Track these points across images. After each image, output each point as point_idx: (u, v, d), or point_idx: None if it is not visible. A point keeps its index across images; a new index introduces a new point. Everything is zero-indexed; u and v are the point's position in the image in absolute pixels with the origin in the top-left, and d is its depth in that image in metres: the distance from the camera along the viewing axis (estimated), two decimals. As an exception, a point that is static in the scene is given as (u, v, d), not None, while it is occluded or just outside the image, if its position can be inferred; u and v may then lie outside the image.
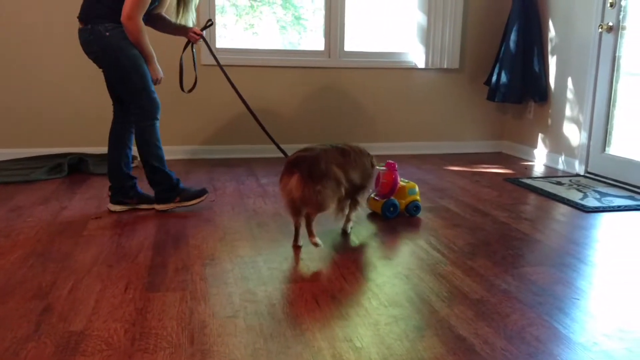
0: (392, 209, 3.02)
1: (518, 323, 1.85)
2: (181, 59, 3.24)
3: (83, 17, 2.84)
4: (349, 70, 4.73)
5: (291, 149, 4.79)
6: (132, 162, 3.13)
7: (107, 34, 2.77)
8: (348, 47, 4.71)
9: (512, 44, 4.49)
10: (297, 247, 2.54)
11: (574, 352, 1.68)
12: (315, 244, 2.47)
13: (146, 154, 2.95)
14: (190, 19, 3.10)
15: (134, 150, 3.07)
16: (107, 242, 2.56)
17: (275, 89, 4.58)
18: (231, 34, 4.69)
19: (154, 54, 2.91)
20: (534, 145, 4.71)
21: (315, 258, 2.41)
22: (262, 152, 4.62)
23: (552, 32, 4.42)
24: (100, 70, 2.98)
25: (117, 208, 3.04)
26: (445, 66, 4.78)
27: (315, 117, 4.69)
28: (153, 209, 3.06)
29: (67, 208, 3.09)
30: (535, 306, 1.98)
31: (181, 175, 3.87)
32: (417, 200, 3.07)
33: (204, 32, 3.20)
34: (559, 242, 2.69)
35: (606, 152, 3.97)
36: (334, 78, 4.69)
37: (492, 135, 5.15)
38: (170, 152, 4.45)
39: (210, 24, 3.24)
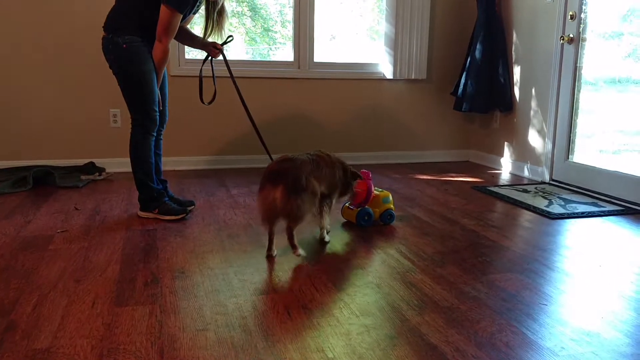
0: (366, 217, 3.04)
1: (488, 330, 1.88)
2: (200, 73, 3.27)
3: (106, 27, 2.96)
4: (318, 81, 4.75)
5: (261, 159, 4.77)
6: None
7: (124, 45, 2.88)
8: (317, 58, 4.74)
9: (477, 55, 4.59)
10: (271, 257, 2.55)
11: (542, 358, 1.71)
12: (299, 255, 2.52)
13: (136, 165, 3.06)
14: (219, 36, 3.17)
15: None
16: (73, 256, 2.50)
17: (245, 100, 4.56)
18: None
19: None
20: (501, 154, 4.80)
21: (286, 269, 2.40)
22: (232, 163, 4.61)
23: (516, 44, 4.52)
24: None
25: (144, 214, 3.17)
26: (413, 77, 4.85)
27: (284, 127, 4.69)
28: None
29: (32, 222, 3.01)
30: (505, 312, 2.01)
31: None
32: (391, 208, 3.11)
33: (224, 47, 3.24)
34: (526, 249, 2.74)
35: (570, 160, 4.07)
36: (304, 89, 4.71)
37: (460, 145, 5.23)
38: (139, 163, 4.40)
39: (230, 39, 3.25)
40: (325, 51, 4.82)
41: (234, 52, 4.70)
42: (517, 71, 4.53)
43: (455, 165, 5.00)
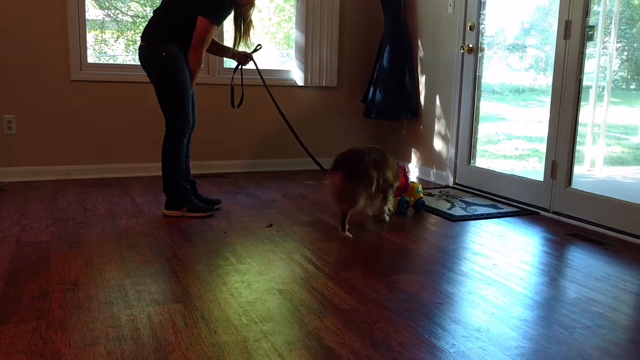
0: (405, 205, 3.49)
1: (384, 330, 1.91)
2: (232, 80, 3.57)
3: (146, 36, 3.14)
4: (228, 86, 4.69)
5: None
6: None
7: (164, 54, 3.08)
8: (229, 63, 4.68)
9: (385, 64, 4.70)
10: (345, 238, 2.95)
11: (433, 355, 1.75)
12: (346, 237, 2.94)
13: (170, 167, 3.22)
14: (246, 45, 3.39)
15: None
16: (-47, 272, 2.32)
17: (153, 105, 4.43)
18: (112, 50, 4.53)
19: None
20: (409, 159, 4.93)
21: (187, 277, 2.34)
22: (139, 171, 4.46)
23: (421, 53, 4.68)
24: None
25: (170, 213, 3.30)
26: (323, 84, 4.90)
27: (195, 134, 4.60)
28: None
29: None
30: (402, 313, 2.06)
31: (50, 197, 3.63)
32: (422, 197, 3.57)
33: (254, 55, 3.52)
34: (428, 251, 2.82)
35: (471, 164, 4.25)
36: (214, 95, 4.64)
37: (371, 151, 5.33)
38: (42, 172, 4.16)
39: (259, 47, 3.53)
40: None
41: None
42: (422, 79, 4.69)
43: (367, 171, 5.08)
